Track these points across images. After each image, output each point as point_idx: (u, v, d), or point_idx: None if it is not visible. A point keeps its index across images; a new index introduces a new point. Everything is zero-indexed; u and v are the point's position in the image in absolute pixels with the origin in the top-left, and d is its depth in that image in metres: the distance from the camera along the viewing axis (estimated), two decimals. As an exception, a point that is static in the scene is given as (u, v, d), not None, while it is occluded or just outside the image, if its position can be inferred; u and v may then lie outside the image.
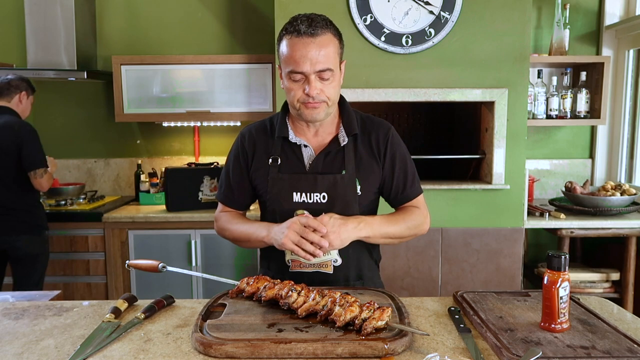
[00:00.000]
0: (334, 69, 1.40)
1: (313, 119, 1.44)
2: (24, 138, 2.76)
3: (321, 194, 1.45)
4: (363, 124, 1.53)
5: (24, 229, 2.80)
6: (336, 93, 1.45)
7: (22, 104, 2.90)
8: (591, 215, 2.97)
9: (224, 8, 3.55)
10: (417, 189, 1.56)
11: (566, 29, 3.24)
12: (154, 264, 1.47)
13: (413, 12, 2.78)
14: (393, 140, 1.53)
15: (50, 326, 1.26)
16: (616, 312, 1.36)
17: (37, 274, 2.87)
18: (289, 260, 1.49)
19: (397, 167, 1.52)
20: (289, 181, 1.47)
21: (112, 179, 3.72)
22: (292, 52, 1.37)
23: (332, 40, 1.40)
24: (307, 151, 1.50)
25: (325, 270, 1.48)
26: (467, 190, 2.89)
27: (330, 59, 1.38)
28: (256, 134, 1.55)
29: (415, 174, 1.56)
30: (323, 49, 1.37)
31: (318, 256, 1.35)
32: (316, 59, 1.36)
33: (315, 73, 1.37)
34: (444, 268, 2.95)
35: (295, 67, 1.37)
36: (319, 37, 1.37)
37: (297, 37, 1.37)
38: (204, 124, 3.55)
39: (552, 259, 1.14)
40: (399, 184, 1.53)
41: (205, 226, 3.10)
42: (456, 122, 3.48)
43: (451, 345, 1.14)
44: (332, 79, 1.40)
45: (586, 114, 3.23)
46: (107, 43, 3.57)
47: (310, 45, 1.35)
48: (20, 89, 2.88)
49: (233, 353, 1.07)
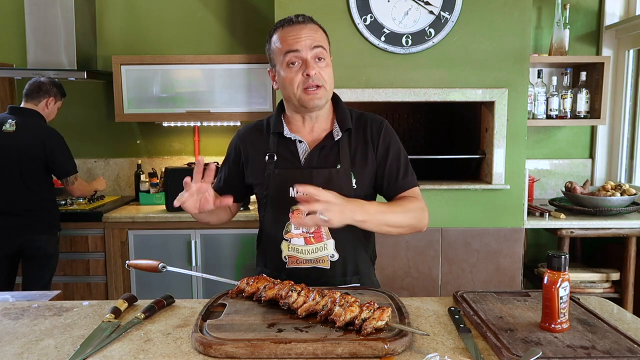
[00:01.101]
0: (327, 50, 1.47)
1: (314, 105, 1.46)
2: (52, 145, 2.80)
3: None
4: (357, 119, 1.55)
5: (44, 228, 2.83)
6: (331, 79, 1.48)
7: (49, 109, 2.92)
8: (591, 215, 2.97)
9: (224, 8, 3.55)
10: (411, 181, 1.54)
11: (566, 29, 3.24)
12: (154, 264, 1.47)
13: (413, 12, 2.78)
14: (386, 132, 1.54)
15: (50, 326, 1.26)
16: (616, 312, 1.35)
17: (48, 275, 2.87)
18: (286, 256, 1.50)
19: (390, 156, 1.52)
20: (285, 176, 1.49)
21: (112, 179, 3.72)
22: (286, 37, 1.44)
23: (320, 30, 1.49)
24: (302, 146, 1.51)
25: (322, 265, 1.49)
26: (467, 190, 2.89)
27: (323, 40, 1.46)
28: (252, 133, 1.58)
29: (409, 166, 1.55)
30: (315, 32, 1.46)
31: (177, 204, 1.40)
32: (310, 38, 1.43)
33: (311, 51, 1.42)
34: (444, 268, 2.95)
35: (292, 47, 1.42)
36: (309, 24, 1.46)
37: (289, 26, 1.45)
38: (204, 124, 3.55)
39: (552, 259, 1.14)
40: (392, 173, 1.52)
41: (205, 226, 3.10)
42: (456, 122, 3.48)
43: (451, 345, 1.14)
44: (326, 61, 1.46)
45: (586, 114, 3.23)
46: (107, 43, 3.57)
47: (303, 29, 1.44)
48: (50, 93, 2.90)
49: (233, 353, 1.07)
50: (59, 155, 2.82)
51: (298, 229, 1.47)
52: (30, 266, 2.85)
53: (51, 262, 2.88)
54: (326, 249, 1.48)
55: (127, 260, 2.76)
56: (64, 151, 2.85)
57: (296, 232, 1.48)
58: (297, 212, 1.47)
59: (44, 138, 2.79)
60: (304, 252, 1.48)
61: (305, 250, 1.48)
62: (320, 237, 1.48)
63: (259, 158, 1.53)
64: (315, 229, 1.47)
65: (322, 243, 1.48)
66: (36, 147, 2.77)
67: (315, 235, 1.48)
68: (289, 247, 1.49)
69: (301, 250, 1.48)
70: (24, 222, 2.77)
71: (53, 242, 2.87)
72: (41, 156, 2.78)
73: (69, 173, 2.86)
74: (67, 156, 2.87)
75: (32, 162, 2.77)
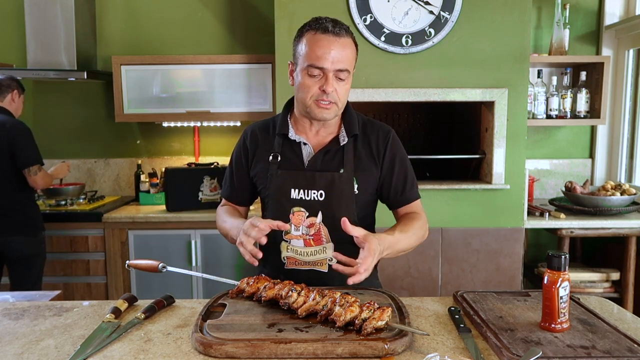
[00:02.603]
0: (351, 71, 1.45)
1: (322, 118, 1.46)
2: (16, 136, 2.76)
3: (319, 191, 1.47)
4: (364, 126, 1.55)
5: (18, 229, 2.80)
6: (346, 97, 1.48)
7: (15, 103, 2.91)
8: (591, 215, 2.97)
9: (224, 8, 3.55)
10: (416, 193, 1.57)
11: (566, 29, 3.24)
12: (154, 264, 1.47)
13: (413, 12, 2.78)
14: (393, 143, 1.55)
15: (50, 326, 1.26)
16: (616, 312, 1.36)
17: (33, 275, 2.86)
18: (285, 257, 1.50)
19: (397, 168, 1.53)
20: (287, 178, 1.49)
21: (112, 179, 3.72)
22: (315, 48, 1.40)
23: (352, 45, 1.45)
24: (307, 149, 1.52)
25: (320, 268, 1.49)
26: (467, 190, 2.89)
27: (350, 61, 1.44)
28: (259, 132, 1.58)
29: (414, 178, 1.58)
30: (345, 49, 1.41)
31: (252, 263, 1.36)
32: (338, 57, 1.40)
33: (334, 71, 1.40)
34: (444, 268, 2.95)
35: (316, 62, 1.39)
36: (343, 38, 1.42)
37: (322, 34, 1.40)
38: (204, 124, 3.55)
39: (552, 258, 1.14)
40: (398, 185, 1.54)
41: (205, 226, 3.10)
42: (456, 122, 3.48)
43: (451, 345, 1.14)
44: (346, 81, 1.45)
45: (586, 113, 3.23)
46: (107, 43, 3.57)
47: (335, 43, 1.40)
48: (11, 87, 2.90)
49: (233, 353, 1.07)
50: (21, 145, 2.76)
51: (298, 230, 1.48)
52: (13, 267, 2.84)
53: (34, 262, 2.86)
54: (325, 252, 1.48)
55: (127, 260, 2.76)
56: (27, 141, 2.79)
57: (296, 233, 1.48)
58: (297, 214, 1.47)
59: (9, 132, 2.75)
60: (303, 254, 1.49)
61: (304, 252, 1.48)
62: (320, 240, 1.48)
63: (264, 157, 1.54)
64: (315, 231, 1.47)
65: (321, 246, 1.48)
66: (1, 143, 2.73)
67: (315, 237, 1.48)
68: (288, 248, 1.49)
69: (300, 252, 1.49)
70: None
71: (32, 243, 2.84)
72: (6, 152, 2.74)
73: (30, 163, 2.77)
74: (30, 146, 2.80)
75: (2, 160, 2.74)
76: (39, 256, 2.90)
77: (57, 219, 3.11)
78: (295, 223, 1.48)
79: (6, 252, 2.81)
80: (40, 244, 2.90)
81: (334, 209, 1.46)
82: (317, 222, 1.47)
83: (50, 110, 3.64)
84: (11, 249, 2.79)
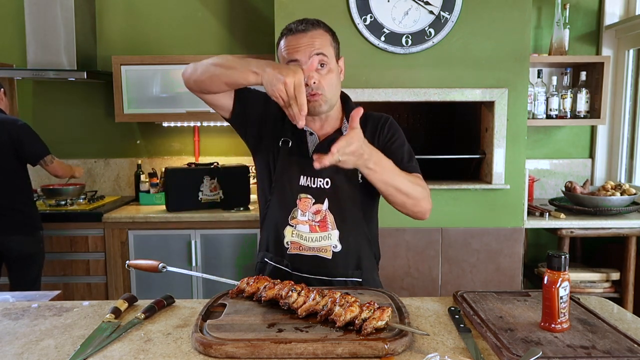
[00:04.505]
0: (328, 56, 1.45)
1: (314, 112, 1.47)
2: (20, 134, 2.77)
3: (325, 179, 1.50)
4: (365, 118, 1.56)
5: (17, 228, 2.80)
6: (333, 85, 1.47)
7: (4, 101, 2.93)
8: (591, 215, 2.97)
9: (224, 8, 3.55)
10: (415, 167, 1.54)
11: (566, 29, 3.24)
12: (154, 264, 1.47)
13: (413, 12, 2.78)
14: (391, 125, 1.58)
15: (50, 326, 1.26)
16: (616, 312, 1.36)
17: (32, 275, 2.86)
18: (289, 242, 1.52)
19: (395, 144, 1.54)
20: (294, 163, 1.52)
21: (112, 179, 3.72)
22: (287, 46, 1.44)
23: (323, 34, 1.46)
24: (312, 138, 1.54)
25: (324, 255, 1.50)
26: (467, 190, 2.90)
27: (323, 45, 1.44)
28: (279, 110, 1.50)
29: (412, 155, 1.56)
30: (314, 39, 1.44)
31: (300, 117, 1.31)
32: (309, 45, 1.42)
33: (310, 59, 1.41)
34: (444, 268, 2.95)
35: (292, 57, 1.42)
36: (310, 31, 1.44)
37: (290, 35, 1.45)
38: (204, 124, 3.55)
39: (552, 258, 1.14)
40: (396, 159, 1.49)
41: (205, 226, 3.10)
42: (456, 122, 3.48)
43: (451, 345, 1.14)
44: (328, 66, 1.44)
45: (586, 113, 3.23)
46: (107, 43, 3.57)
47: (303, 37, 1.43)
48: (1, 86, 2.91)
49: (233, 353, 1.07)
50: (27, 140, 2.78)
51: (304, 215, 1.49)
52: (12, 267, 2.85)
53: (32, 262, 2.87)
54: (330, 239, 1.50)
55: (127, 260, 2.76)
56: (32, 136, 2.82)
57: (302, 218, 1.50)
58: (304, 199, 1.50)
59: (10, 130, 2.76)
60: (307, 240, 1.50)
61: (309, 237, 1.50)
62: (325, 227, 1.50)
63: (273, 136, 1.55)
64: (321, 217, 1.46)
65: (326, 232, 1.50)
66: (4, 141, 2.73)
67: (321, 224, 1.50)
68: (293, 233, 1.51)
69: (305, 237, 1.50)
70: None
71: (30, 243, 2.85)
72: (9, 150, 2.74)
73: (42, 155, 2.83)
74: (36, 139, 2.83)
75: (1, 159, 2.74)
76: (38, 255, 2.90)
77: (57, 219, 3.11)
78: (302, 208, 1.50)
79: (5, 252, 2.81)
80: (39, 243, 2.90)
81: (340, 197, 1.49)
82: (323, 209, 1.49)
83: (50, 110, 3.64)
84: (10, 248, 2.80)
